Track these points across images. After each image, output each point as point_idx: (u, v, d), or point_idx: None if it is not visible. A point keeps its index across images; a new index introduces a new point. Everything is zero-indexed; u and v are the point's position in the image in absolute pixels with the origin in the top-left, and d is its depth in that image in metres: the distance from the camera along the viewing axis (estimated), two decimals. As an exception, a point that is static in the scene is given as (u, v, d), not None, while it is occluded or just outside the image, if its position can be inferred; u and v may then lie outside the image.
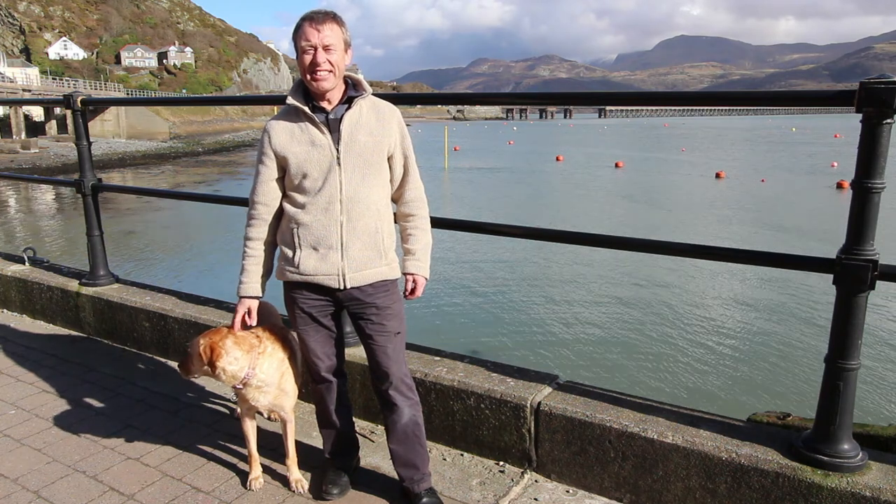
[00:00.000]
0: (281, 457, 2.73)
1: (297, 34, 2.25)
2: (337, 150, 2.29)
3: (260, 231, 2.44)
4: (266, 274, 2.49)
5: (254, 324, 2.51)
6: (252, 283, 2.45)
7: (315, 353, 2.50)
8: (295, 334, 2.73)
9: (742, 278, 12.69)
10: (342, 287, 2.35)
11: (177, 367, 2.61)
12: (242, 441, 2.73)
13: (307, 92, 2.33)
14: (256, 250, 2.45)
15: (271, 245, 2.48)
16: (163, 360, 4.03)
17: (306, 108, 2.29)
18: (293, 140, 2.31)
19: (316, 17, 2.23)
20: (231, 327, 2.51)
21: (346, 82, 2.36)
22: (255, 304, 2.48)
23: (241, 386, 2.49)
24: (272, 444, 2.87)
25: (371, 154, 2.33)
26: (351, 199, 2.30)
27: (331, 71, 2.23)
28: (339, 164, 2.29)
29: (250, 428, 2.67)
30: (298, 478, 2.67)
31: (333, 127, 2.30)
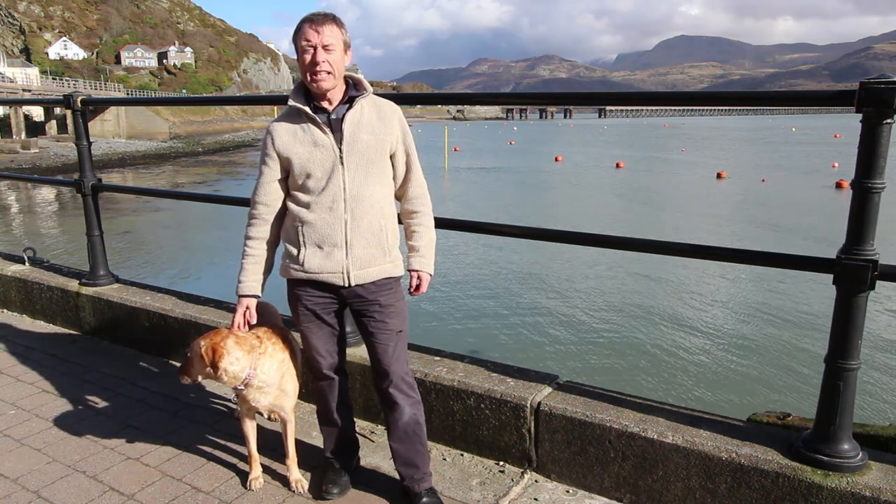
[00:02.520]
0: (281, 457, 2.73)
1: (298, 35, 2.27)
2: (339, 149, 2.30)
3: (260, 231, 2.45)
4: (265, 273, 2.50)
5: (253, 322, 2.51)
6: (251, 282, 2.46)
7: (317, 351, 2.50)
8: (295, 334, 2.73)
9: (742, 278, 12.69)
10: (346, 285, 2.36)
11: (177, 372, 2.57)
12: (242, 441, 2.73)
13: (308, 93, 2.34)
14: (256, 250, 2.46)
15: (272, 245, 2.49)
16: (163, 360, 4.03)
17: (307, 109, 2.30)
18: (296, 141, 2.32)
19: (316, 19, 2.25)
20: (231, 328, 2.51)
21: (346, 82, 2.37)
22: (253, 303, 2.49)
23: (242, 387, 2.49)
24: (272, 444, 2.87)
25: (373, 153, 2.34)
26: (354, 197, 2.31)
27: (330, 72, 2.25)
28: (341, 163, 2.30)
29: (250, 428, 2.67)
30: (298, 478, 2.67)
31: (335, 127, 2.31)
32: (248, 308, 2.48)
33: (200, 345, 2.45)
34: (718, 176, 32.04)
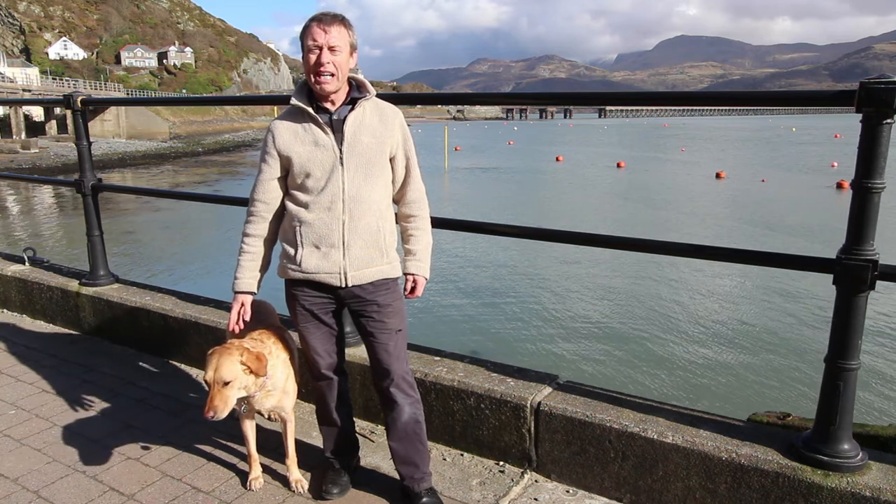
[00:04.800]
0: (281, 457, 2.73)
1: (305, 33, 2.27)
2: (340, 150, 2.30)
3: (258, 228, 2.45)
4: (262, 270, 2.50)
5: (248, 318, 2.49)
6: (247, 278, 2.45)
7: (316, 351, 2.50)
8: (292, 334, 2.73)
9: (742, 278, 12.69)
10: (343, 285, 2.36)
11: (206, 413, 2.28)
12: (242, 441, 2.72)
13: (311, 93, 2.34)
14: (253, 247, 2.46)
15: (269, 243, 2.49)
16: (163, 360, 4.03)
17: (310, 109, 2.31)
18: (297, 140, 2.33)
19: (324, 19, 2.25)
20: (233, 333, 2.50)
21: (350, 84, 2.38)
22: (249, 300, 2.47)
23: (258, 392, 2.46)
24: (272, 444, 2.87)
25: (373, 155, 2.34)
26: (353, 198, 2.31)
27: (333, 73, 2.25)
28: (341, 164, 2.30)
29: (250, 428, 2.66)
30: (298, 478, 2.67)
31: (337, 127, 2.31)
32: (243, 304, 2.46)
33: (235, 362, 2.31)
34: (718, 176, 32.03)
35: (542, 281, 12.72)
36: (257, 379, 2.39)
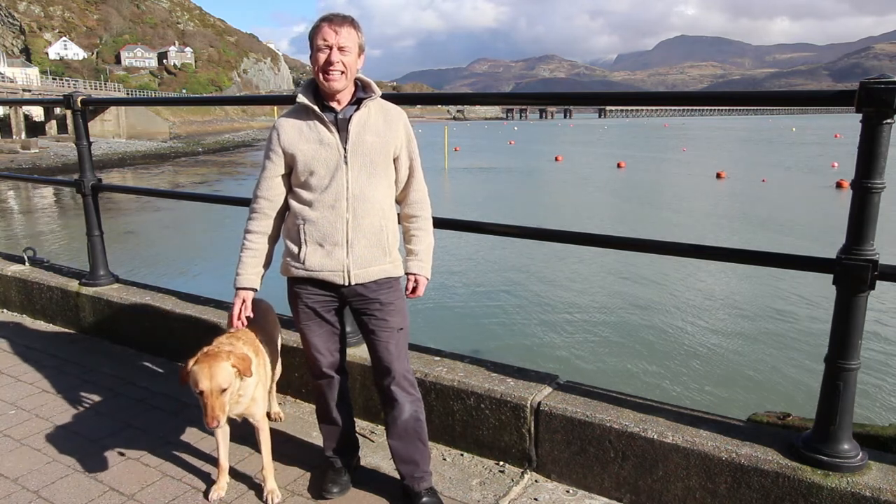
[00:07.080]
0: (281, 457, 2.73)
1: (315, 33, 2.29)
2: (344, 149, 2.32)
3: (261, 225, 2.46)
4: (264, 267, 2.50)
5: (249, 314, 2.48)
6: (249, 275, 2.46)
7: (317, 349, 2.51)
8: (284, 332, 2.72)
9: (742, 278, 12.69)
10: (347, 283, 2.37)
11: (210, 424, 2.25)
12: (242, 442, 2.72)
13: (318, 91, 2.36)
14: (256, 244, 2.46)
15: (272, 240, 2.50)
16: (163, 359, 4.03)
17: (315, 107, 2.32)
18: (301, 138, 2.34)
19: (335, 19, 2.29)
20: (235, 330, 2.50)
21: (356, 84, 2.40)
22: (250, 296, 2.48)
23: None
24: (272, 445, 2.86)
25: (377, 154, 2.36)
26: (357, 197, 2.32)
27: (343, 72, 2.28)
28: (346, 162, 2.31)
29: (222, 437, 2.62)
30: (273, 489, 2.58)
31: (342, 126, 2.33)
32: (244, 301, 2.47)
33: (228, 364, 2.31)
34: (718, 176, 32.02)
35: (542, 281, 12.72)
36: (241, 381, 2.38)
